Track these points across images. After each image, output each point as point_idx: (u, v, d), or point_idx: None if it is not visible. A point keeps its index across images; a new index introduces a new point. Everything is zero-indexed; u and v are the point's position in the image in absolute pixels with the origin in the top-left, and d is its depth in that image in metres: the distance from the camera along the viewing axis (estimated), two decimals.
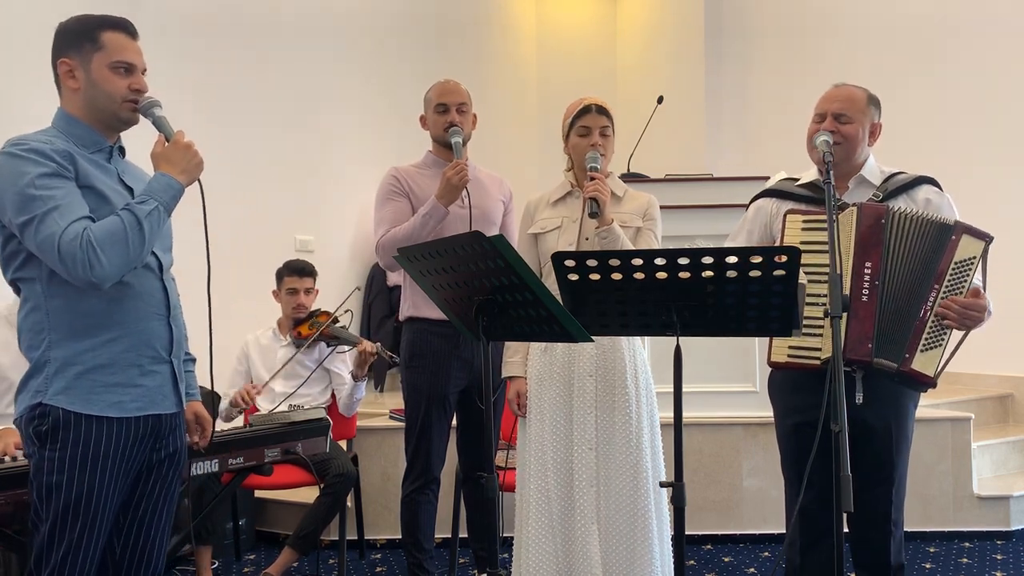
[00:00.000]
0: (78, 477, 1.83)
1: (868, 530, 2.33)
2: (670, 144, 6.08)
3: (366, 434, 4.01)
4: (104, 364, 1.87)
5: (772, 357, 2.28)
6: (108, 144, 1.98)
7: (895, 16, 5.50)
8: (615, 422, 2.53)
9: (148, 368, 1.94)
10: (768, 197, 2.49)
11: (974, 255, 2.16)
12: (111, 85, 1.92)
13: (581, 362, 2.56)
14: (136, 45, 1.97)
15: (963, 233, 2.16)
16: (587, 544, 2.46)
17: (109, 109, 1.93)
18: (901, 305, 2.17)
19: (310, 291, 3.66)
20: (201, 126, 4.43)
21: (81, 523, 1.83)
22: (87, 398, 1.85)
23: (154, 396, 1.95)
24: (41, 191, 1.78)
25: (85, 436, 1.84)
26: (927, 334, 2.15)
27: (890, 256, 2.17)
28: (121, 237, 1.80)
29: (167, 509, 2.04)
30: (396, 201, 2.93)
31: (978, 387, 4.94)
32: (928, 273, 2.16)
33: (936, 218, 2.19)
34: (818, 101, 2.38)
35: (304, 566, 3.69)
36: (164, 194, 1.89)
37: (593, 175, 2.50)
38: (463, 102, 2.93)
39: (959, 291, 2.16)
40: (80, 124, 1.94)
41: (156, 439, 1.98)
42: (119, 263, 1.81)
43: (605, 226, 2.48)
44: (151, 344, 1.95)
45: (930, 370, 2.16)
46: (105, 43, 1.92)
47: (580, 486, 2.49)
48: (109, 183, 1.93)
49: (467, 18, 6.43)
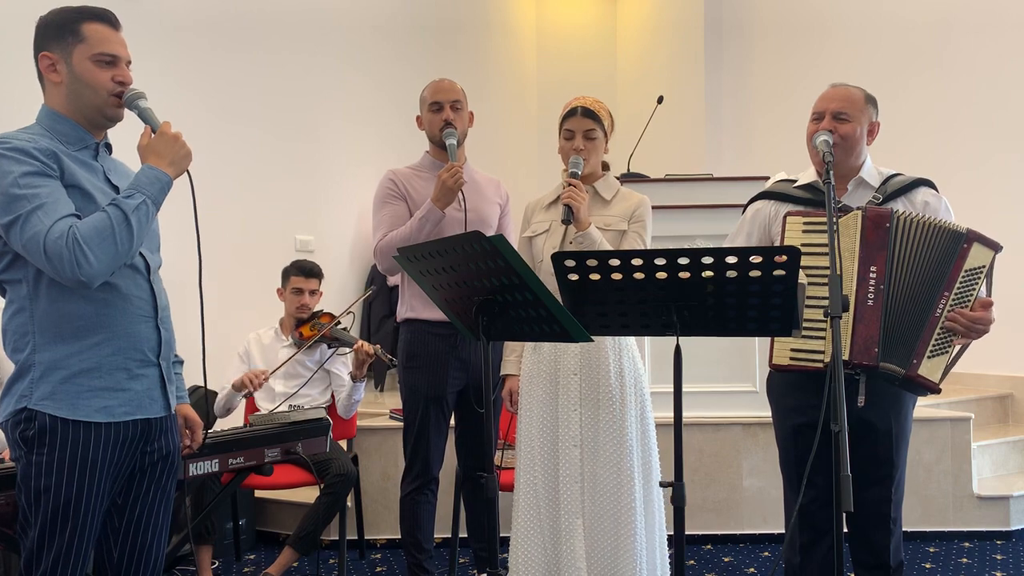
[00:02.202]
0: (66, 482, 1.80)
1: (868, 529, 2.33)
2: (670, 144, 6.09)
3: (366, 434, 4.02)
4: (91, 368, 1.84)
5: (774, 360, 2.27)
6: (94, 141, 1.94)
7: (895, 16, 5.50)
8: (599, 419, 2.56)
9: (136, 371, 1.90)
10: (766, 199, 2.48)
11: (983, 264, 2.16)
12: (95, 78, 1.87)
13: (566, 360, 2.59)
14: (119, 36, 1.92)
15: (974, 242, 2.16)
16: (572, 539, 2.50)
17: (94, 104, 1.89)
18: (909, 310, 2.17)
19: (315, 292, 3.67)
20: (201, 126, 4.45)
21: (71, 527, 1.80)
22: (73, 403, 1.82)
23: (142, 400, 1.92)
24: (25, 190, 1.74)
25: (73, 441, 1.81)
26: (935, 341, 2.15)
27: (895, 260, 2.16)
28: (108, 233, 1.76)
29: (164, 511, 2.02)
30: (393, 204, 2.93)
31: (978, 387, 4.94)
32: (938, 279, 2.16)
33: (947, 224, 2.18)
34: (816, 101, 2.38)
35: (304, 566, 3.69)
36: (152, 187, 1.84)
37: (570, 181, 2.52)
38: (457, 100, 2.92)
39: (968, 299, 2.16)
40: (65, 120, 1.89)
41: (146, 442, 1.95)
42: (107, 260, 1.76)
43: (581, 231, 2.51)
44: (139, 347, 1.91)
45: (936, 376, 2.17)
46: (87, 35, 1.87)
47: (565, 482, 2.53)
48: (95, 181, 1.89)
49: (467, 18, 6.44)
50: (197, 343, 2.08)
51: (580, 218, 2.48)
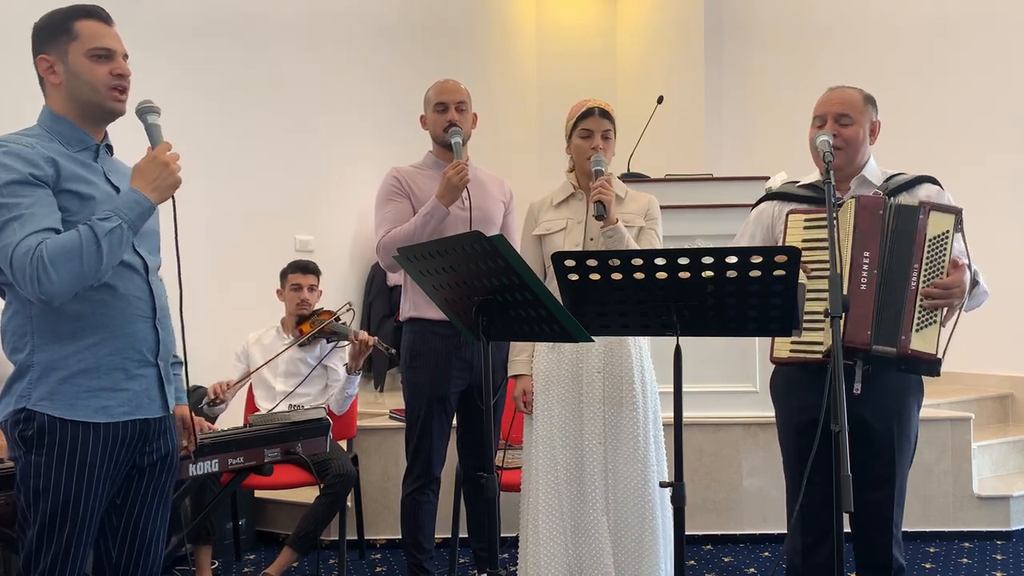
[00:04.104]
0: (65, 482, 1.80)
1: (869, 530, 2.33)
2: (670, 144, 6.08)
3: (366, 434, 4.02)
4: (88, 368, 1.84)
5: (775, 353, 2.29)
6: (94, 142, 1.94)
7: (894, 17, 5.50)
8: (622, 418, 2.58)
9: (134, 372, 1.91)
10: (770, 201, 2.51)
11: (947, 229, 2.19)
12: (91, 74, 1.88)
13: (589, 360, 2.61)
14: (112, 31, 1.93)
15: (931, 211, 2.19)
16: (598, 536, 2.51)
17: (93, 100, 1.90)
18: (892, 290, 2.18)
19: (314, 288, 3.67)
20: (201, 126, 4.45)
21: (69, 527, 1.81)
22: (72, 404, 1.82)
23: (140, 400, 1.92)
24: (7, 198, 1.75)
25: (72, 441, 1.81)
26: (918, 314, 2.16)
27: (887, 246, 2.19)
28: (76, 254, 1.74)
29: (162, 511, 2.02)
30: (397, 202, 2.93)
31: (978, 387, 4.93)
32: (907, 254, 2.19)
33: (906, 202, 2.22)
34: (816, 105, 2.39)
35: (304, 566, 3.69)
36: (130, 212, 1.82)
37: (601, 178, 2.54)
38: (462, 101, 2.92)
39: (940, 267, 2.18)
40: (64, 121, 1.90)
41: (144, 442, 1.95)
42: (70, 280, 1.74)
43: (611, 225, 2.52)
44: (137, 347, 1.91)
45: (931, 347, 2.16)
46: (80, 32, 1.88)
47: (590, 480, 2.55)
48: (95, 182, 1.89)
49: (467, 18, 6.44)
50: (195, 344, 2.08)
51: (611, 213, 2.51)
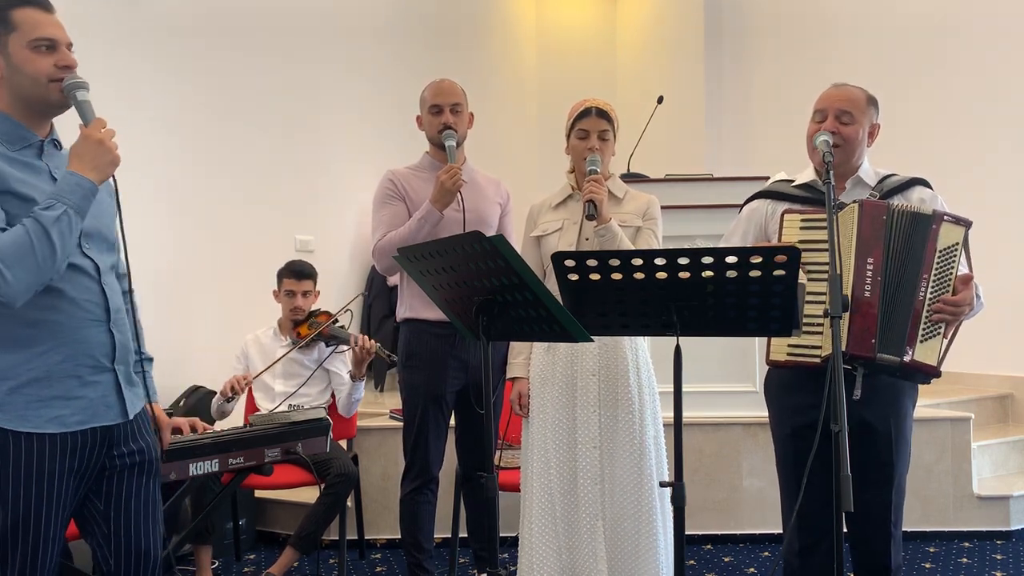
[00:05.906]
0: (24, 495, 1.74)
1: (867, 530, 2.33)
2: (670, 144, 6.08)
3: (366, 434, 4.02)
4: (39, 377, 1.76)
5: (772, 356, 2.28)
6: (38, 139, 1.83)
7: (895, 16, 5.50)
8: (618, 420, 2.55)
9: (88, 378, 1.82)
10: (763, 199, 2.49)
11: (956, 242, 2.19)
12: (33, 66, 1.77)
13: (584, 361, 2.58)
14: (54, 19, 1.81)
15: (943, 221, 2.18)
16: (593, 542, 2.49)
17: (36, 94, 1.79)
18: (900, 299, 2.18)
19: (308, 294, 3.65)
20: (201, 127, 4.45)
21: (33, 538, 1.75)
22: (22, 414, 1.74)
23: (96, 408, 1.83)
24: None
25: (27, 453, 1.74)
26: (924, 325, 2.16)
27: (890, 252, 2.18)
28: (27, 250, 1.65)
29: (152, 512, 1.96)
30: (392, 205, 2.93)
31: (978, 387, 4.93)
32: (917, 264, 2.18)
33: (916, 209, 2.21)
34: (818, 99, 2.38)
35: (304, 566, 3.69)
36: (72, 195, 1.72)
37: (591, 177, 2.52)
38: (457, 102, 2.91)
39: (948, 279, 2.18)
40: (5, 119, 1.79)
41: (111, 447, 1.88)
42: (28, 279, 1.66)
43: (603, 224, 2.51)
44: (90, 353, 1.82)
45: (933, 359, 2.17)
46: (18, 22, 1.77)
47: (584, 484, 2.52)
48: (37, 183, 1.78)
49: (467, 18, 6.43)
50: (195, 344, 2.06)
51: (602, 212, 2.50)
